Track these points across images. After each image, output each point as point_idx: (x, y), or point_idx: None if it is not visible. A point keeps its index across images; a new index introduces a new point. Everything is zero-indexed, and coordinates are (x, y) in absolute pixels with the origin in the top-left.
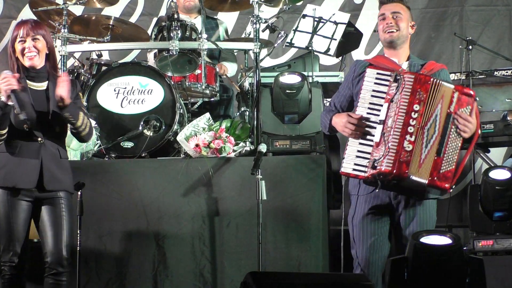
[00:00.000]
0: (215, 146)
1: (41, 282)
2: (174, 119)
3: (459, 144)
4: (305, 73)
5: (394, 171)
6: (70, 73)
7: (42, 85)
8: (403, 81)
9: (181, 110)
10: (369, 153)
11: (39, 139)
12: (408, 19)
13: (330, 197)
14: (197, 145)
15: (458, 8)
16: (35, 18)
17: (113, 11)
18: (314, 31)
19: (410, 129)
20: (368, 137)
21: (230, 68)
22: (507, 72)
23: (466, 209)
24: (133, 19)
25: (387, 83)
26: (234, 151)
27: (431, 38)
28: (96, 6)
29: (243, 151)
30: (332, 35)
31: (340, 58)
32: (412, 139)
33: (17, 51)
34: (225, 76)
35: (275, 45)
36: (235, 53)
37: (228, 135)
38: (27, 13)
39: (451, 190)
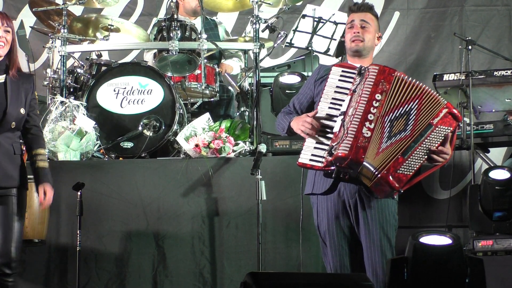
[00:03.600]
0: (214, 146)
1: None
2: (174, 119)
3: (426, 157)
4: (305, 73)
5: (351, 156)
6: (70, 73)
7: (0, 78)
8: (368, 72)
9: (181, 110)
10: (327, 144)
11: None
12: (375, 30)
13: None
14: (196, 145)
15: (458, 8)
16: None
17: (113, 11)
18: (314, 31)
19: (370, 116)
20: (328, 129)
21: (235, 66)
22: (507, 72)
23: (466, 209)
24: (132, 19)
25: (351, 80)
26: (233, 151)
27: (431, 38)
28: (96, 6)
29: (243, 151)
30: (332, 35)
31: (340, 58)
32: (372, 126)
33: None
34: (224, 75)
35: (275, 45)
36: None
37: (228, 135)
38: (27, 13)
39: (396, 195)
